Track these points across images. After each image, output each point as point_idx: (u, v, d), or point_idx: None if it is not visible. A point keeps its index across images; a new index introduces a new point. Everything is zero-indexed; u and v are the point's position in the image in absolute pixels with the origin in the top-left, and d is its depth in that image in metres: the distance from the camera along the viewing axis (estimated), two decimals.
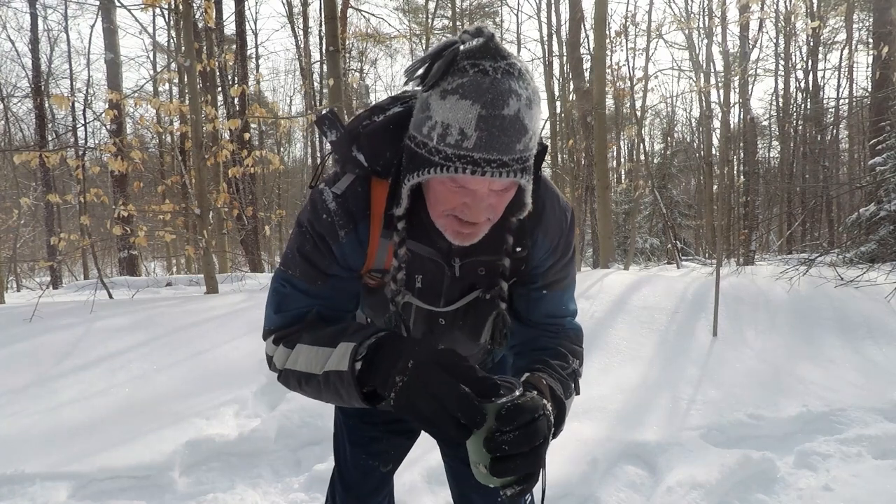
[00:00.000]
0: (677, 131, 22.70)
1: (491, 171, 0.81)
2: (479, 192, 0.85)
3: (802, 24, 15.49)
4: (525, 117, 0.82)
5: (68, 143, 12.03)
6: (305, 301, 0.99)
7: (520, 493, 0.79)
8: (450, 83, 0.82)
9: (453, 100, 0.81)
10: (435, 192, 0.89)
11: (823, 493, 2.25)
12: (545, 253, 1.06)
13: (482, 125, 0.79)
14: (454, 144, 0.81)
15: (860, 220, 8.16)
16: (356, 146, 0.96)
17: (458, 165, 0.81)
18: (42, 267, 13.46)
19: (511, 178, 0.83)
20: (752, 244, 12.60)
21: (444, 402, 0.72)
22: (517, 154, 0.82)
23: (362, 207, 0.98)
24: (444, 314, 1.07)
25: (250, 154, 6.84)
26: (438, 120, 0.82)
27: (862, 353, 3.79)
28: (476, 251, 1.00)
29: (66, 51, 28.49)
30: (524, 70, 0.83)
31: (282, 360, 0.96)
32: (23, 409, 2.94)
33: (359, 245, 0.99)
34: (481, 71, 0.80)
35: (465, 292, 1.06)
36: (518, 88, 0.81)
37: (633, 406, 2.98)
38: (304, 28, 14.66)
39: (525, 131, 0.82)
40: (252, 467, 2.56)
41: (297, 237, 1.00)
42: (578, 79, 11.60)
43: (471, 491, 1.30)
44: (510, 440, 0.74)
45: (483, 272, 1.03)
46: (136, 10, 8.30)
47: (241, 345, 3.67)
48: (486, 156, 0.80)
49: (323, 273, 0.99)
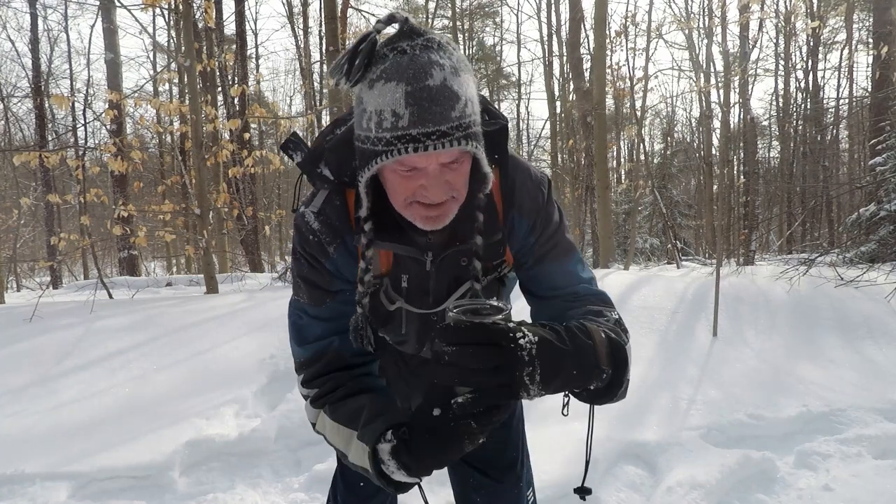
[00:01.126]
0: (677, 131, 22.71)
1: (433, 144, 0.80)
2: (430, 170, 0.84)
3: (802, 24, 15.51)
4: (453, 84, 0.81)
5: (68, 143, 12.03)
6: (321, 328, 1.03)
7: (471, 404, 0.74)
8: (373, 72, 0.83)
9: (379, 85, 0.82)
10: (391, 183, 0.88)
11: (823, 493, 2.25)
12: (525, 233, 1.04)
13: (411, 101, 0.79)
14: (390, 127, 0.81)
15: (860, 220, 8.16)
16: (323, 162, 0.98)
17: (399, 147, 0.80)
18: (42, 267, 13.46)
19: (456, 147, 0.81)
20: (752, 244, 12.59)
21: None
22: (454, 122, 0.81)
23: (343, 220, 0.99)
24: (434, 312, 1.07)
25: (250, 154, 6.84)
26: (371, 109, 0.83)
27: (862, 353, 3.79)
28: (453, 241, 0.99)
29: (66, 51, 28.56)
30: (444, 42, 0.84)
31: (312, 418, 1.03)
32: (23, 409, 2.94)
33: (349, 256, 1.00)
34: (399, 52, 0.82)
35: (453, 287, 1.05)
36: (439, 59, 0.81)
37: (633, 406, 2.98)
38: (304, 28, 14.66)
39: (457, 98, 0.81)
40: (252, 467, 2.56)
41: (295, 264, 1.04)
42: (578, 79, 11.61)
43: (472, 490, 1.30)
44: (452, 352, 0.70)
45: (465, 262, 1.02)
46: (136, 10, 8.36)
47: (241, 345, 3.67)
48: (424, 129, 0.79)
49: (327, 291, 1.02)
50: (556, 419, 3.00)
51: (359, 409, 0.93)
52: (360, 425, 0.90)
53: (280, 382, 3.28)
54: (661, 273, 6.82)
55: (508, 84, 20.83)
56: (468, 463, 1.30)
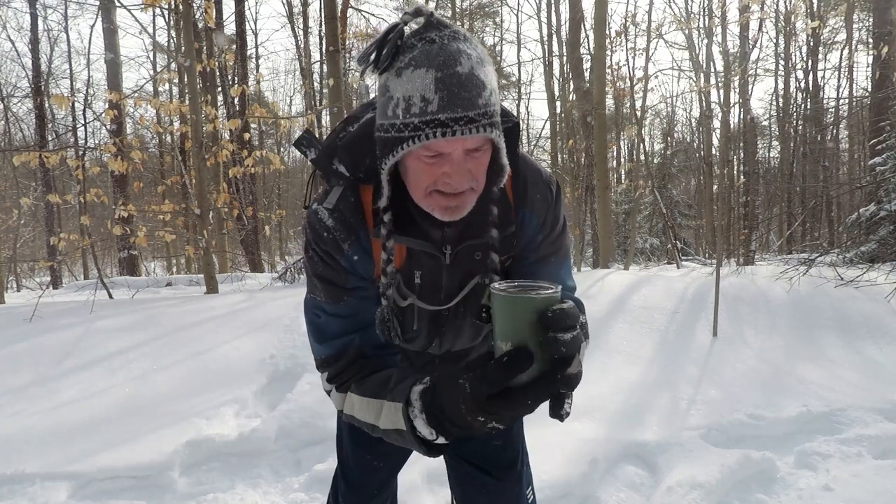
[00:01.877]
0: (677, 131, 22.71)
1: (461, 130, 0.81)
2: (455, 157, 0.85)
3: (802, 24, 15.50)
4: (480, 73, 0.83)
5: (68, 143, 12.04)
6: (340, 325, 1.01)
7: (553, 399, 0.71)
8: (402, 61, 0.84)
9: (408, 72, 0.83)
10: (413, 171, 0.88)
11: (823, 493, 2.25)
12: (534, 230, 1.06)
13: (441, 86, 0.81)
14: (419, 112, 0.81)
15: (860, 220, 8.16)
16: (336, 159, 0.99)
17: (427, 132, 0.81)
18: (42, 267, 13.47)
19: (483, 134, 0.83)
20: (752, 244, 12.59)
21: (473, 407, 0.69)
22: (482, 108, 0.82)
23: (358, 216, 0.99)
24: (446, 311, 1.08)
25: (250, 154, 6.84)
26: (399, 96, 0.84)
27: (862, 353, 3.79)
28: (467, 235, 1.00)
29: (66, 51, 28.57)
30: (469, 35, 0.87)
31: (339, 404, 1.01)
32: (23, 409, 2.94)
33: (364, 253, 1.00)
34: (428, 41, 0.84)
35: (465, 282, 1.06)
36: (467, 49, 0.84)
37: (633, 406, 2.98)
38: (304, 28, 14.65)
39: (483, 86, 0.83)
40: (252, 467, 2.56)
41: (309, 263, 1.03)
42: (578, 79, 11.60)
43: (472, 490, 1.30)
44: (567, 343, 0.67)
45: (479, 256, 1.03)
46: (136, 10, 8.36)
47: (241, 345, 3.67)
48: (453, 114, 0.80)
49: (343, 289, 1.01)
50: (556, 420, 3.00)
51: (386, 379, 0.92)
52: (389, 389, 0.88)
53: (280, 382, 3.28)
54: (661, 273, 6.82)
55: (508, 84, 20.81)
56: (468, 461, 1.30)
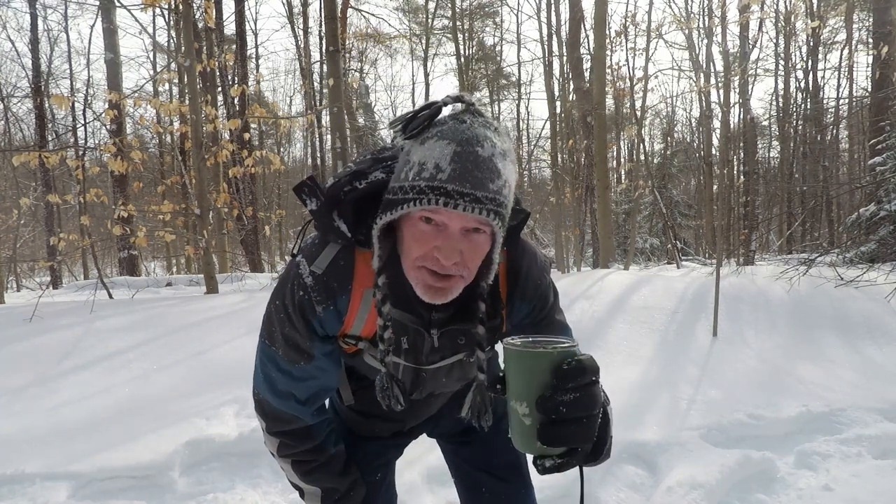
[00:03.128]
0: (677, 131, 22.70)
1: (463, 205, 0.80)
2: (451, 230, 0.84)
3: (802, 24, 15.50)
4: (499, 163, 0.84)
5: (68, 144, 12.04)
6: (292, 387, 1.02)
7: (557, 468, 0.70)
8: (430, 132, 0.86)
9: (431, 142, 0.85)
10: (408, 236, 0.87)
11: (823, 493, 2.25)
12: (524, 314, 1.06)
13: (456, 159, 0.82)
14: (429, 178, 0.82)
15: (860, 220, 8.16)
16: (337, 214, 0.94)
17: (430, 197, 0.81)
18: (42, 267, 13.47)
19: (483, 216, 0.81)
20: (752, 244, 12.59)
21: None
22: (490, 193, 0.82)
23: (344, 282, 0.96)
24: (426, 369, 1.06)
25: (250, 154, 6.84)
26: (416, 160, 0.85)
27: (862, 353, 3.79)
28: (453, 320, 0.99)
29: (66, 51, 28.55)
30: (502, 129, 0.88)
31: (271, 450, 1.12)
32: (23, 409, 2.94)
33: (336, 316, 0.98)
34: (460, 121, 0.86)
35: (448, 356, 1.05)
36: (494, 139, 0.85)
37: (633, 406, 2.98)
38: (304, 28, 14.66)
39: (499, 175, 0.83)
40: (252, 467, 2.56)
41: (276, 315, 0.99)
42: (578, 79, 11.61)
43: (478, 494, 1.29)
44: (570, 401, 0.66)
45: (463, 341, 1.02)
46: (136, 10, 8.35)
47: (241, 345, 3.67)
48: (460, 188, 0.80)
49: (305, 353, 0.99)
50: None
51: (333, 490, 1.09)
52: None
53: None
54: (661, 273, 6.82)
55: (508, 84, 20.81)
56: (471, 464, 1.30)
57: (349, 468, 1.14)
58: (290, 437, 1.07)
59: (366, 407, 1.20)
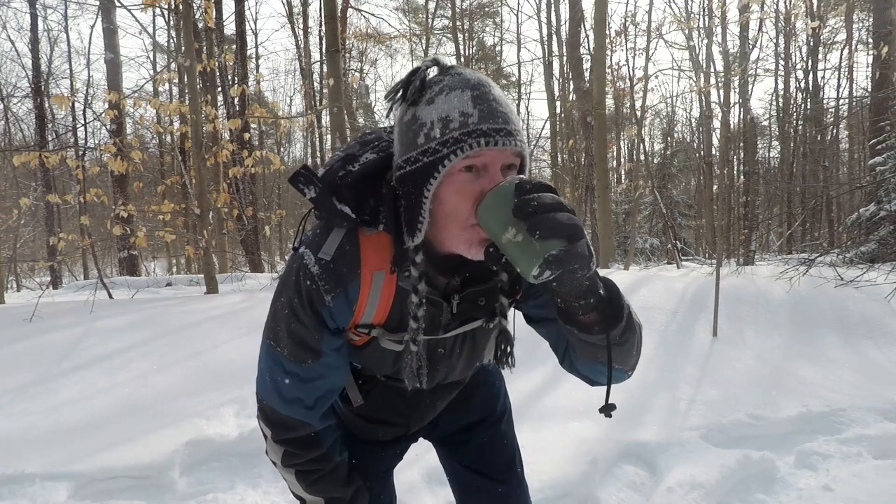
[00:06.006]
0: (677, 131, 22.70)
1: (503, 141, 0.82)
2: (492, 171, 0.84)
3: (802, 24, 15.49)
4: (508, 100, 0.87)
5: (68, 144, 12.04)
6: (299, 391, 0.98)
7: (566, 260, 0.73)
8: (430, 92, 0.86)
9: (442, 97, 0.85)
10: (450, 195, 0.85)
11: (823, 493, 2.25)
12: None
13: (479, 101, 0.83)
14: (459, 126, 0.82)
15: (860, 220, 8.16)
16: (337, 198, 0.92)
17: (470, 142, 0.81)
18: (42, 267, 13.46)
19: (519, 148, 0.84)
20: (752, 244, 12.59)
21: None
22: (515, 125, 0.84)
23: (353, 267, 0.93)
24: (442, 343, 1.04)
25: (250, 154, 6.84)
26: (434, 118, 0.84)
27: (862, 353, 3.79)
28: (472, 282, 0.98)
29: (66, 51, 28.58)
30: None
31: (275, 459, 1.09)
32: (23, 409, 2.94)
33: (347, 305, 0.94)
34: (455, 74, 0.87)
35: (467, 322, 1.04)
36: (491, 82, 0.88)
37: (633, 406, 2.98)
38: (304, 28, 14.66)
39: (513, 110, 0.86)
40: (252, 467, 2.56)
41: (281, 312, 0.96)
42: (578, 79, 11.62)
43: (473, 495, 1.29)
44: (537, 198, 0.74)
45: (483, 302, 1.01)
46: (136, 10, 8.32)
47: (241, 345, 3.67)
48: (493, 125, 0.82)
49: (312, 350, 0.95)
50: (556, 420, 3.00)
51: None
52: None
53: None
54: (661, 273, 6.82)
55: (508, 84, 20.81)
56: (466, 466, 1.28)
57: (352, 476, 1.12)
58: (296, 445, 1.04)
59: (372, 410, 1.17)
